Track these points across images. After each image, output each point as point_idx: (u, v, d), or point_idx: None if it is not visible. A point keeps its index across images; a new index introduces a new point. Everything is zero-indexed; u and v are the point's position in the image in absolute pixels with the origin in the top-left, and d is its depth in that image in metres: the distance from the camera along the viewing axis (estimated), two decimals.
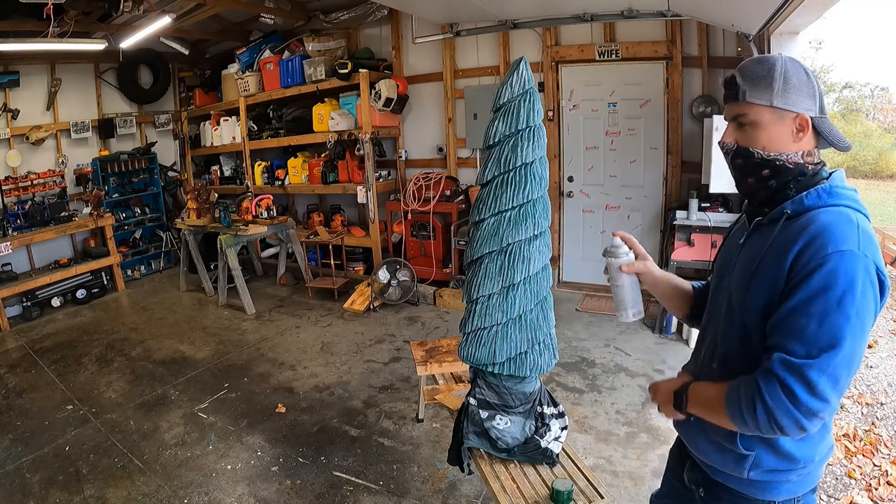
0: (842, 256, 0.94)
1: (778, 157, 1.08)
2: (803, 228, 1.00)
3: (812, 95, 1.06)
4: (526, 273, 1.92)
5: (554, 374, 3.64)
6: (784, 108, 1.05)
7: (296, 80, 5.80)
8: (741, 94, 1.08)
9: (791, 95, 1.05)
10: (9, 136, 5.73)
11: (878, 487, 2.51)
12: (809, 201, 1.05)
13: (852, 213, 1.01)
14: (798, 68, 1.06)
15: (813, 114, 1.06)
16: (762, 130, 1.07)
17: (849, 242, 0.95)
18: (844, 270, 0.94)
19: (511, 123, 1.89)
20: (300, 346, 4.40)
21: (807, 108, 1.05)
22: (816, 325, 0.94)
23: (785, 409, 0.94)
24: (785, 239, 1.02)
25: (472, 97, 5.33)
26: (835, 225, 0.98)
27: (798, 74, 1.05)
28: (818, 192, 1.05)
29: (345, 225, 6.16)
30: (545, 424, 2.05)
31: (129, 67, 6.62)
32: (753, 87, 1.07)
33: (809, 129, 1.06)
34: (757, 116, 1.07)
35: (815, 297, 0.95)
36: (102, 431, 3.25)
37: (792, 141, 1.07)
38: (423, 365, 2.90)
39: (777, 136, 1.07)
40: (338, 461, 2.85)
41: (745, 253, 1.14)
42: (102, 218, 5.86)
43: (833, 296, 0.94)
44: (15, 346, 4.74)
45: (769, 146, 1.08)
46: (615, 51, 4.65)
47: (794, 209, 1.05)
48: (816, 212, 1.02)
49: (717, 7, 3.41)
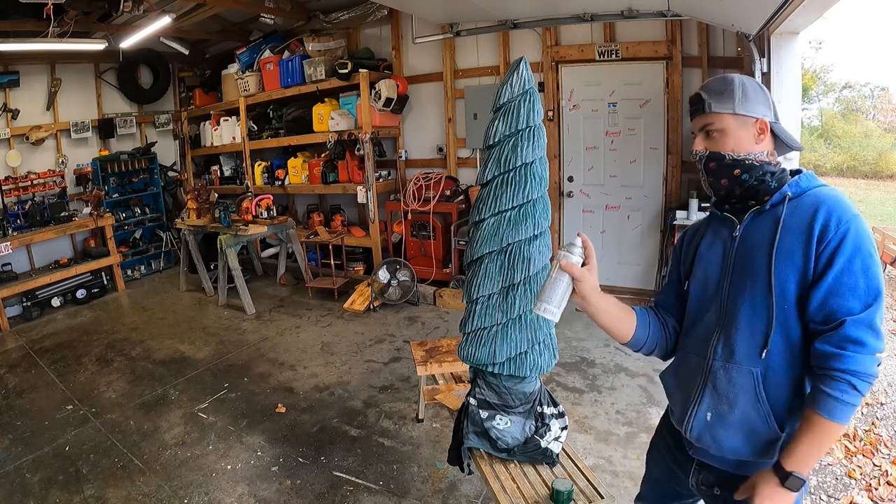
0: (857, 219, 1.11)
1: (746, 156, 1.21)
2: (815, 205, 1.14)
3: (767, 104, 1.22)
4: (526, 273, 1.92)
5: (554, 374, 3.64)
6: (745, 115, 1.20)
7: (296, 80, 5.80)
8: (707, 105, 1.22)
9: (750, 104, 1.21)
10: (9, 136, 5.73)
11: (878, 487, 2.51)
12: (803, 184, 1.20)
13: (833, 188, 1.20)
14: (753, 83, 1.23)
15: (770, 119, 1.22)
16: (728, 135, 1.21)
17: (852, 208, 1.13)
18: (863, 230, 1.10)
19: (511, 123, 1.89)
20: (300, 346, 4.40)
21: (764, 113, 1.21)
22: (864, 280, 1.08)
23: (869, 362, 1.07)
24: (800, 213, 1.15)
25: (472, 97, 5.32)
26: (839, 197, 1.15)
27: (753, 87, 1.23)
28: (805, 177, 1.21)
29: (345, 225, 6.16)
30: (545, 424, 2.05)
31: (129, 67, 6.62)
32: (717, 99, 1.22)
33: (768, 132, 1.22)
34: (723, 124, 1.22)
35: (853, 257, 1.08)
36: (102, 431, 3.25)
37: (755, 143, 1.22)
38: (423, 365, 2.90)
39: (742, 139, 1.21)
40: (338, 461, 2.85)
41: (745, 242, 1.23)
42: (102, 218, 5.87)
43: (865, 252, 1.09)
44: (15, 346, 4.74)
45: (736, 148, 1.21)
46: (615, 51, 4.65)
47: (795, 191, 1.19)
48: (816, 191, 1.18)
49: (717, 7, 3.41)
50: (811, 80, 13.78)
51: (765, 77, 3.44)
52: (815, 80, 14.18)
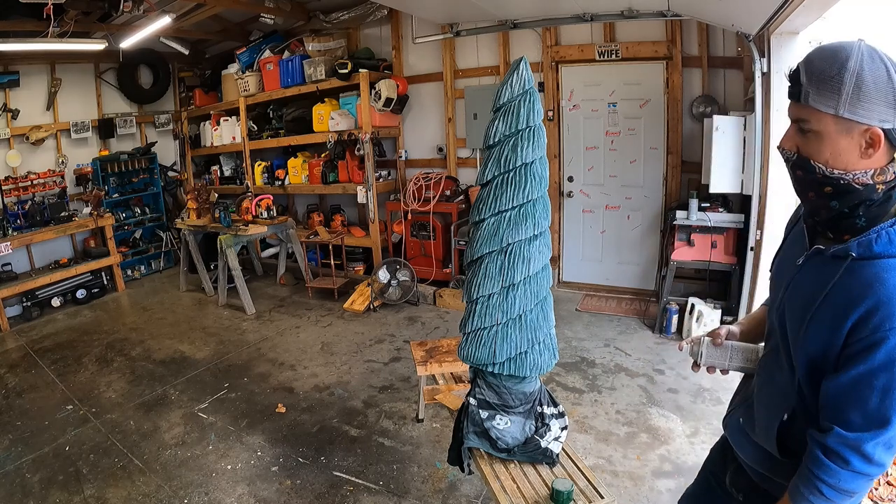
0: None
1: (843, 175, 0.94)
2: (869, 288, 0.90)
3: (892, 102, 0.88)
4: (526, 273, 1.92)
5: (554, 374, 3.64)
6: (852, 119, 0.89)
7: (296, 80, 5.80)
8: (804, 95, 0.93)
9: (863, 104, 0.88)
10: (9, 136, 5.73)
11: (877, 487, 2.51)
12: (879, 247, 0.91)
13: None
14: (877, 65, 0.88)
15: (890, 125, 0.89)
16: (825, 142, 0.93)
17: None
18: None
19: (511, 123, 1.89)
20: (300, 346, 4.40)
21: (882, 119, 0.88)
22: (878, 400, 0.91)
23: (848, 479, 0.96)
24: (848, 290, 0.93)
25: (472, 97, 5.32)
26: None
27: (876, 74, 0.88)
28: (889, 235, 0.91)
29: (345, 225, 6.16)
30: (545, 424, 2.05)
31: (129, 67, 6.61)
32: (818, 90, 0.91)
33: (882, 145, 0.90)
34: (820, 125, 0.93)
35: (878, 371, 0.90)
36: (102, 431, 3.25)
37: (860, 157, 0.92)
38: (423, 365, 2.90)
39: (843, 150, 0.92)
40: (338, 461, 2.85)
41: (800, 280, 1.04)
42: (102, 218, 5.86)
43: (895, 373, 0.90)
44: (15, 346, 4.74)
45: (833, 161, 0.94)
46: (615, 51, 4.65)
47: (861, 253, 0.93)
48: (885, 265, 0.90)
49: (717, 7, 3.41)
50: None
51: (765, 77, 3.44)
52: None
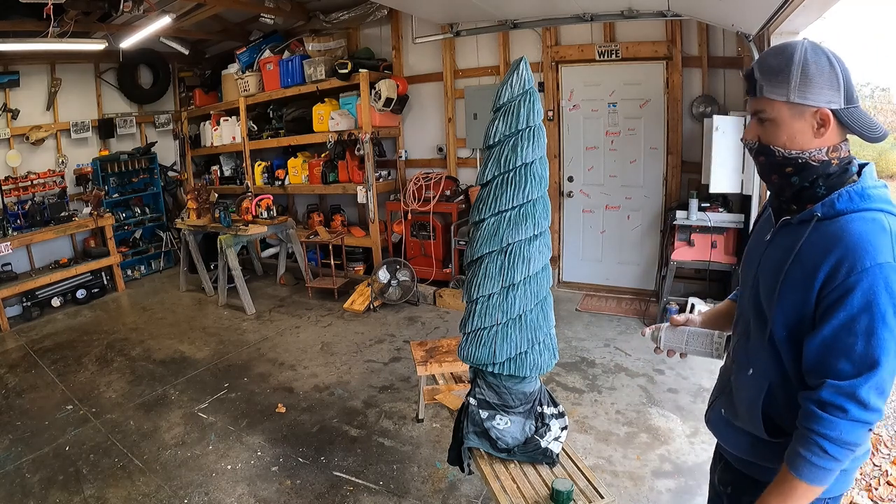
0: (880, 269, 0.93)
1: (800, 154, 1.04)
2: (835, 239, 0.98)
3: (835, 86, 1.00)
4: (526, 273, 1.92)
5: (554, 374, 3.64)
6: (802, 104, 1.01)
7: (296, 80, 5.80)
8: (758, 88, 1.04)
9: (810, 89, 1.00)
10: (9, 136, 5.73)
11: (878, 487, 2.51)
12: (841, 205, 1.00)
13: (885, 219, 0.98)
14: (819, 56, 1.00)
15: (836, 105, 1.00)
16: (781, 127, 1.04)
17: (884, 253, 0.94)
18: (885, 285, 0.93)
19: (511, 123, 1.89)
20: (300, 346, 4.40)
21: (828, 100, 1.00)
22: (864, 344, 0.95)
23: (848, 429, 0.97)
24: (815, 247, 1.00)
25: (472, 97, 5.32)
26: (869, 235, 0.95)
27: (819, 64, 0.99)
28: (849, 194, 1.01)
29: (345, 225, 6.16)
30: (545, 424, 2.05)
31: (129, 67, 6.61)
32: (770, 82, 1.03)
33: (832, 124, 1.01)
34: (775, 113, 1.04)
35: (858, 314, 0.94)
36: (102, 431, 3.25)
37: (813, 137, 1.03)
38: (423, 365, 2.90)
39: (797, 132, 1.03)
40: (338, 461, 2.85)
41: (771, 252, 1.11)
42: (102, 218, 5.86)
43: (878, 312, 0.93)
44: (15, 346, 4.74)
45: (790, 143, 1.04)
46: (615, 51, 4.65)
47: (825, 212, 1.01)
48: (848, 218, 0.99)
49: (717, 7, 3.41)
50: None
51: None
52: None
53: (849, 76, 1.01)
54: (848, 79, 1.00)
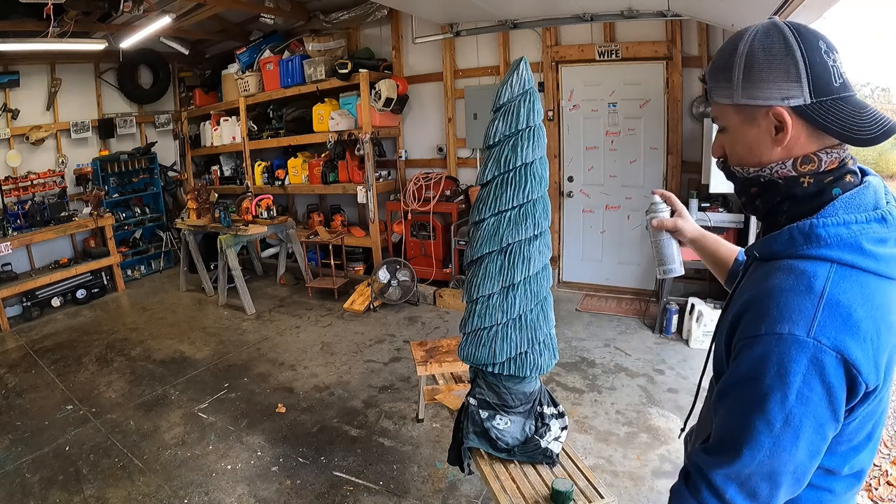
0: (777, 342, 0.71)
1: (760, 172, 0.81)
2: (750, 287, 0.80)
3: (792, 75, 0.75)
4: (526, 273, 1.92)
5: (554, 374, 3.64)
6: (750, 104, 0.78)
7: (296, 80, 5.80)
8: (708, 92, 0.85)
9: (757, 84, 0.77)
10: (9, 136, 5.73)
11: (877, 487, 2.51)
12: (778, 245, 0.78)
13: (823, 273, 0.72)
14: (772, 40, 0.77)
15: (797, 101, 0.75)
16: (736, 137, 0.83)
17: (793, 322, 0.71)
18: (777, 362, 0.71)
19: (511, 123, 1.89)
20: (300, 346, 4.40)
21: (784, 96, 0.75)
22: (734, 422, 0.77)
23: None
24: (743, 291, 0.82)
25: (472, 97, 5.32)
26: (782, 294, 0.73)
27: (769, 49, 0.76)
28: (791, 232, 0.77)
29: (345, 225, 6.16)
30: (545, 424, 2.05)
31: (129, 67, 6.61)
32: (716, 82, 0.82)
33: (793, 126, 0.76)
34: (726, 120, 0.83)
35: (738, 386, 0.76)
36: (102, 431, 3.25)
37: (773, 146, 0.79)
38: (423, 365, 2.90)
39: (752, 142, 0.81)
40: (338, 461, 2.85)
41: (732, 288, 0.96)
42: (102, 218, 5.86)
43: (756, 392, 0.73)
44: (15, 346, 4.74)
45: (747, 157, 0.82)
46: (615, 51, 4.65)
47: (761, 253, 0.81)
48: (777, 266, 0.77)
49: (717, 7, 3.41)
50: None
51: None
52: None
53: (821, 59, 0.74)
54: (819, 63, 0.74)
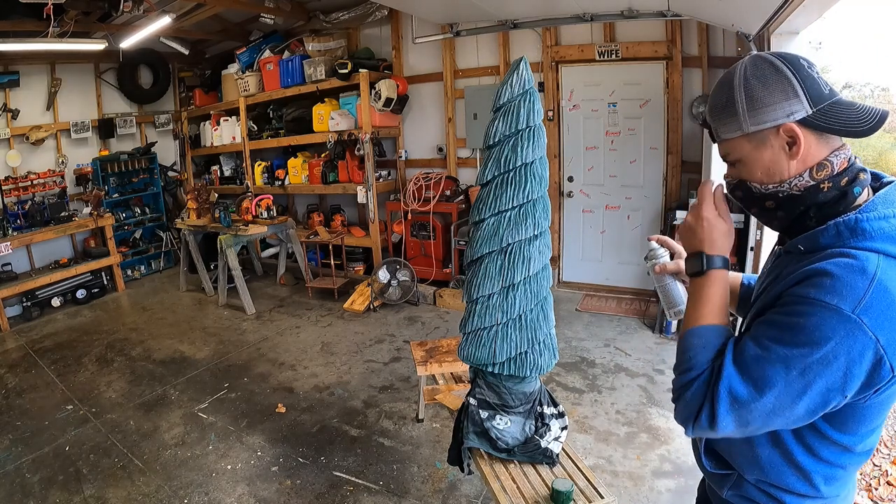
0: (822, 309, 0.76)
1: (779, 188, 0.88)
2: (798, 269, 0.84)
3: (790, 92, 0.84)
4: (526, 273, 1.92)
5: (554, 374, 3.64)
6: (760, 129, 0.86)
7: (296, 80, 5.80)
8: (714, 133, 0.94)
9: (762, 109, 0.85)
10: (9, 136, 5.73)
11: (877, 487, 2.51)
12: (826, 239, 0.84)
13: (874, 260, 0.77)
14: (760, 68, 0.86)
15: (802, 113, 0.83)
16: (753, 164, 0.90)
17: (842, 297, 0.75)
18: (815, 326, 0.76)
19: (511, 123, 1.89)
20: (300, 346, 4.40)
21: (788, 112, 0.84)
22: (754, 355, 0.81)
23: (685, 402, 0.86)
24: (790, 275, 0.86)
25: (472, 97, 5.32)
26: (838, 268, 0.77)
27: (762, 76, 0.85)
28: (837, 227, 0.83)
29: (345, 225, 6.16)
30: (545, 424, 2.05)
31: (129, 67, 6.61)
32: (721, 121, 0.91)
33: (804, 137, 0.84)
34: (740, 152, 0.91)
35: (779, 330, 0.80)
36: (102, 431, 3.25)
37: (789, 161, 0.86)
38: (423, 365, 2.90)
39: (770, 163, 0.88)
40: (338, 461, 2.85)
41: (759, 285, 1.01)
42: (102, 218, 5.86)
43: (791, 345, 0.78)
44: (15, 346, 4.74)
45: (767, 178, 0.89)
46: (615, 51, 4.65)
47: (807, 247, 0.87)
48: (826, 254, 0.82)
49: (717, 7, 3.41)
50: None
51: None
52: None
53: (808, 73, 0.84)
54: (807, 77, 0.84)
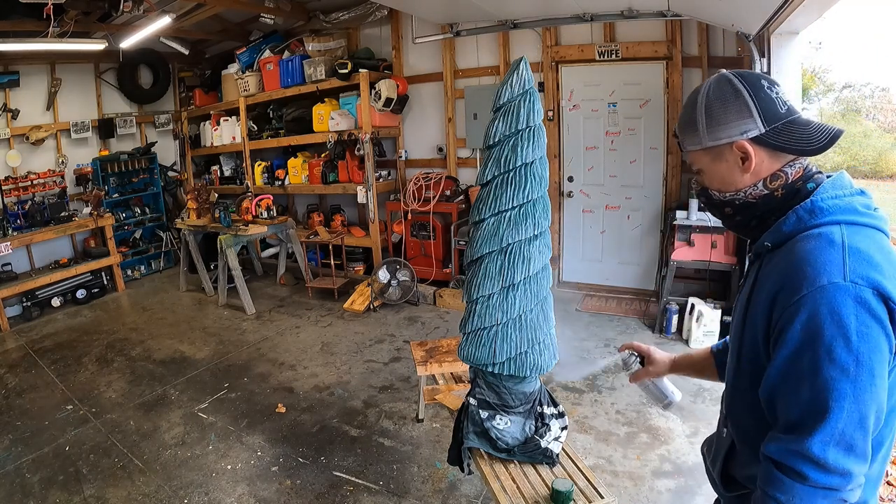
0: (822, 294, 0.79)
1: (735, 196, 0.97)
2: (782, 264, 0.87)
3: (745, 113, 0.92)
4: (526, 273, 1.92)
5: (554, 374, 3.64)
6: (716, 145, 0.95)
7: (296, 80, 5.80)
8: (680, 145, 1.04)
9: (718, 127, 0.94)
10: (9, 136, 5.73)
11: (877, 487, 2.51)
12: (788, 226, 0.90)
13: (838, 231, 0.84)
14: (722, 88, 0.94)
15: (755, 132, 0.91)
16: (711, 174, 1.00)
17: (829, 273, 0.80)
18: (829, 311, 0.78)
19: (511, 123, 1.89)
20: (300, 346, 4.40)
21: (742, 131, 0.92)
22: (809, 388, 0.80)
23: (808, 496, 0.81)
24: (768, 276, 0.90)
25: (472, 97, 5.32)
26: (811, 254, 0.83)
27: (722, 97, 0.94)
28: (797, 213, 0.89)
29: (345, 225, 6.16)
30: (545, 424, 2.05)
31: (129, 67, 6.61)
32: (685, 135, 1.01)
33: (755, 153, 0.92)
34: (700, 163, 1.01)
35: (799, 352, 0.81)
36: (102, 431, 3.25)
37: (742, 174, 0.95)
38: (423, 365, 2.90)
39: (725, 174, 0.97)
40: (338, 461, 2.85)
41: (740, 295, 1.03)
42: (102, 218, 5.86)
43: (821, 347, 0.79)
44: (15, 346, 4.74)
45: (723, 187, 0.99)
46: (615, 51, 4.65)
47: (775, 240, 0.92)
48: (795, 239, 0.88)
49: (717, 7, 3.41)
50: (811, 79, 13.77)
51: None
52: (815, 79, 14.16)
53: (766, 94, 0.92)
54: (764, 98, 0.91)
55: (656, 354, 1.38)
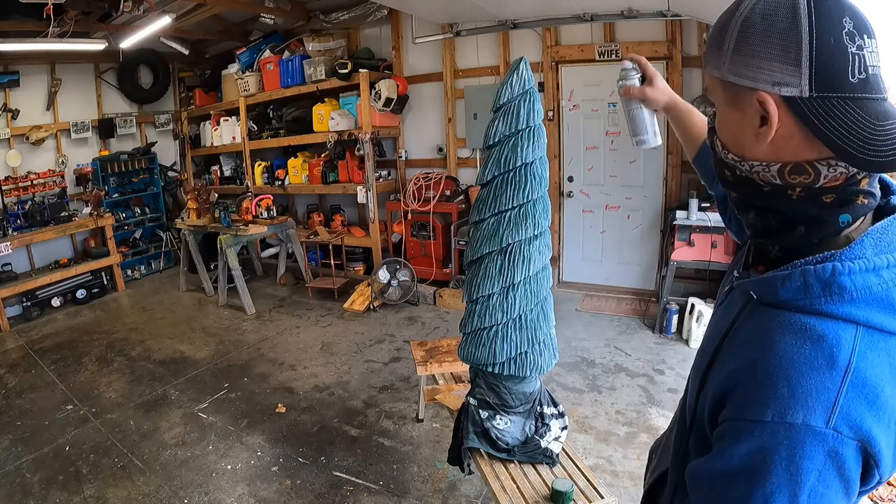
0: (787, 433, 0.54)
1: (739, 162, 0.65)
2: (750, 342, 0.62)
3: (790, 55, 0.57)
4: (526, 273, 1.92)
5: (554, 374, 3.63)
6: (736, 82, 0.62)
7: (296, 80, 5.80)
8: (703, 58, 0.77)
9: (748, 59, 0.60)
10: (9, 136, 5.73)
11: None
12: (786, 293, 0.60)
13: (849, 341, 0.56)
14: (778, 5, 0.58)
15: (791, 90, 0.57)
16: (721, 118, 0.68)
17: (808, 409, 0.54)
18: (786, 457, 0.54)
19: (511, 123, 1.89)
20: (300, 346, 4.40)
21: (775, 79, 0.58)
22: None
23: None
24: (736, 349, 0.65)
25: (472, 97, 5.32)
26: (795, 368, 0.56)
27: (771, 16, 0.58)
28: (805, 277, 0.59)
29: (345, 225, 6.16)
30: (545, 424, 2.05)
31: (129, 67, 6.61)
32: (709, 50, 0.67)
33: (776, 119, 0.59)
34: (714, 94, 0.68)
35: (735, 476, 0.57)
36: (102, 431, 3.25)
37: (755, 140, 0.62)
38: (423, 365, 2.90)
39: (735, 128, 0.65)
40: (338, 461, 2.85)
41: (711, 334, 0.76)
42: (102, 218, 5.86)
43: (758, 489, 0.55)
44: (15, 346, 4.74)
45: (729, 142, 0.67)
46: (615, 51, 4.65)
47: (764, 295, 0.63)
48: (785, 322, 0.59)
49: (717, 7, 3.40)
50: None
51: None
52: None
53: (836, 42, 0.55)
54: (829, 46, 0.55)
55: (660, 83, 1.16)
